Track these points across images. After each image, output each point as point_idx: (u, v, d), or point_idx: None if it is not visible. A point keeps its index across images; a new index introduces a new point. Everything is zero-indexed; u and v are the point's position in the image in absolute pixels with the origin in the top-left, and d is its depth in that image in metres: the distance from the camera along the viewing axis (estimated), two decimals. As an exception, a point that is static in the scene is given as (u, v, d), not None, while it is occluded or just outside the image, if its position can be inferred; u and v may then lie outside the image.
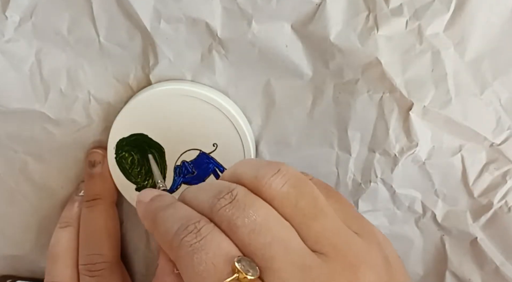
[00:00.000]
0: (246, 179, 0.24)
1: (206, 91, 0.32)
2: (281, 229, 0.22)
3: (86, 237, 0.35)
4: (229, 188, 0.24)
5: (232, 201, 0.23)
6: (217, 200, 0.23)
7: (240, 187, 0.24)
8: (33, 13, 0.31)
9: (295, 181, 0.24)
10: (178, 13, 0.30)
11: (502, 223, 0.34)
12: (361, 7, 0.30)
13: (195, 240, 0.22)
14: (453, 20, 0.29)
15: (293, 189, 0.23)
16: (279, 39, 0.31)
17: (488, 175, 0.33)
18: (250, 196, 0.23)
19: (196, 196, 0.25)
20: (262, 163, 0.24)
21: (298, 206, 0.23)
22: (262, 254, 0.22)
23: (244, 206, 0.23)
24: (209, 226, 0.23)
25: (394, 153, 0.33)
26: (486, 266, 0.35)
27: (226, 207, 0.23)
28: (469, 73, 0.31)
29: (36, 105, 0.33)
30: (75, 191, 0.36)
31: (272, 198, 0.23)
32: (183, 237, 0.22)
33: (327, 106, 0.32)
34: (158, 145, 0.33)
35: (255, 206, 0.23)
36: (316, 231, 0.23)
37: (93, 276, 0.34)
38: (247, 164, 0.25)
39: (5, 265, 0.40)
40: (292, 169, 0.24)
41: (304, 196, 0.23)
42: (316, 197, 0.24)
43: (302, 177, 0.24)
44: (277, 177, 0.23)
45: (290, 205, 0.23)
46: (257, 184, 0.23)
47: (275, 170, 0.24)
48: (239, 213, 0.22)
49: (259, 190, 0.23)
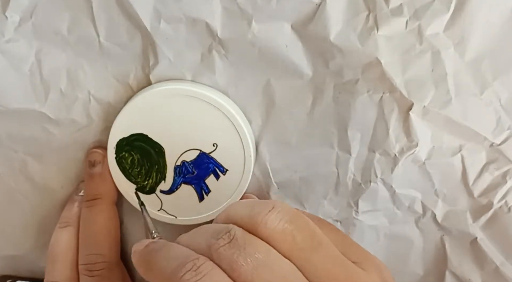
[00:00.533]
0: (241, 219, 0.24)
1: (206, 91, 0.32)
2: (283, 265, 0.23)
3: (86, 237, 0.35)
4: (227, 229, 0.23)
5: (231, 241, 0.23)
6: (216, 240, 0.23)
7: (237, 227, 0.24)
8: (33, 13, 0.31)
9: (290, 217, 0.24)
10: (178, 13, 0.30)
11: (502, 223, 0.34)
12: (361, 7, 0.30)
13: (195, 278, 0.22)
14: (453, 20, 0.29)
15: (289, 225, 0.23)
16: (279, 39, 0.31)
17: (488, 175, 0.33)
18: (248, 235, 0.23)
19: (192, 238, 0.24)
20: (255, 202, 0.24)
21: (296, 241, 0.23)
22: None
23: (244, 245, 0.22)
24: (208, 263, 0.22)
25: (394, 153, 0.33)
26: (486, 266, 0.35)
27: (226, 247, 0.23)
28: (469, 73, 0.31)
29: (36, 105, 0.33)
30: (75, 191, 0.36)
31: (269, 236, 0.23)
32: (181, 275, 0.22)
33: (327, 106, 0.32)
34: (158, 145, 0.33)
35: (255, 245, 0.23)
36: (316, 264, 0.23)
37: (93, 276, 0.33)
38: (239, 206, 0.25)
39: (5, 265, 0.40)
40: (286, 205, 0.24)
41: (301, 231, 0.23)
42: (312, 230, 0.24)
43: (297, 212, 0.24)
44: (271, 214, 0.23)
45: (288, 241, 0.23)
46: (253, 223, 0.23)
47: (270, 208, 0.24)
48: (240, 252, 0.22)
49: (255, 229, 0.23)
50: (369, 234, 0.36)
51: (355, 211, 0.35)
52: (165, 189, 0.34)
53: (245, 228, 0.24)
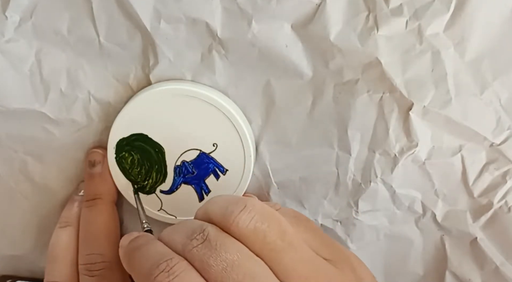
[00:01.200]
0: (215, 218, 0.25)
1: (206, 91, 0.32)
2: (253, 265, 0.23)
3: (86, 237, 0.35)
4: (201, 228, 0.24)
5: (204, 241, 0.23)
6: (190, 241, 0.24)
7: (211, 227, 0.24)
8: (33, 13, 0.31)
9: (262, 216, 0.24)
10: (178, 13, 0.30)
11: (502, 223, 0.34)
12: (361, 7, 0.30)
13: (167, 279, 0.22)
14: (453, 20, 0.29)
15: (260, 225, 0.24)
16: (279, 39, 0.31)
17: (488, 175, 0.33)
18: (221, 235, 0.24)
19: (170, 235, 0.25)
20: (230, 201, 0.25)
21: (266, 241, 0.24)
22: None
23: (216, 246, 0.23)
24: (182, 264, 0.23)
25: (394, 153, 0.33)
26: (486, 266, 0.35)
27: (198, 247, 0.23)
28: (469, 73, 0.31)
29: (36, 105, 0.33)
30: (75, 191, 0.36)
31: (241, 236, 0.24)
32: (155, 276, 0.23)
33: (327, 106, 0.32)
34: (158, 145, 0.33)
35: (226, 245, 0.23)
36: (286, 264, 0.23)
37: (93, 276, 0.33)
38: (216, 203, 0.25)
39: (5, 265, 0.40)
40: (258, 203, 0.25)
41: (272, 231, 0.24)
42: (283, 230, 0.24)
43: (269, 211, 0.25)
44: (243, 214, 0.24)
45: (259, 241, 0.24)
46: (226, 222, 0.24)
47: (241, 207, 0.24)
48: (211, 253, 0.23)
49: (227, 228, 0.24)
50: (369, 234, 0.36)
51: (355, 211, 0.35)
52: (165, 189, 0.34)
53: (220, 226, 0.24)
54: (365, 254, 0.36)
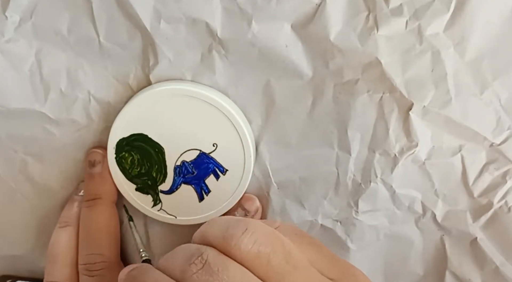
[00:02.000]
0: (215, 241, 0.23)
1: (206, 91, 0.32)
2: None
3: (85, 237, 0.35)
4: (199, 252, 0.23)
5: (204, 266, 0.22)
6: (188, 266, 0.22)
7: (210, 249, 0.23)
8: (33, 13, 0.31)
9: (265, 239, 0.23)
10: (178, 13, 0.30)
11: (502, 223, 0.34)
12: (361, 7, 0.30)
13: None
14: (453, 20, 0.29)
15: (264, 248, 0.23)
16: (279, 39, 0.31)
17: (488, 175, 0.33)
18: (222, 259, 0.23)
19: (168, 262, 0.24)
20: (230, 223, 0.24)
21: (271, 264, 0.22)
22: None
23: (217, 271, 0.22)
24: None
25: (394, 153, 0.33)
26: (486, 266, 0.35)
27: (198, 273, 0.22)
28: (469, 73, 0.31)
29: (36, 105, 0.33)
30: (75, 191, 0.36)
31: (243, 259, 0.22)
32: None
33: (327, 106, 0.32)
34: (158, 145, 0.33)
35: (228, 270, 0.22)
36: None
37: (93, 276, 0.33)
38: (215, 225, 0.24)
39: (5, 265, 0.40)
40: (259, 225, 0.24)
41: (276, 253, 0.23)
42: (288, 252, 0.23)
43: (271, 233, 0.23)
44: (245, 236, 0.23)
45: (263, 265, 0.22)
46: (226, 245, 0.23)
47: (243, 229, 0.23)
48: (213, 279, 0.22)
49: (228, 251, 0.23)
50: (369, 234, 0.36)
51: (355, 211, 0.35)
52: (165, 189, 0.34)
53: (220, 249, 0.23)
54: (365, 254, 0.36)
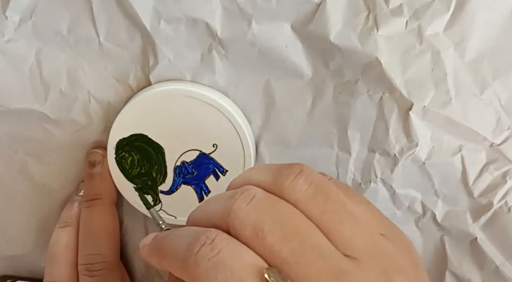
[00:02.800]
0: (264, 182, 0.22)
1: (206, 91, 0.32)
2: (312, 233, 0.20)
3: (85, 237, 0.35)
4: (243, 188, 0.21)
5: (252, 201, 0.20)
6: (233, 202, 0.20)
7: (257, 188, 0.21)
8: (33, 13, 0.31)
9: (319, 183, 0.22)
10: (178, 13, 0.30)
11: (502, 223, 0.34)
12: (361, 7, 0.30)
13: (212, 252, 0.19)
14: (453, 20, 0.29)
15: (319, 192, 0.21)
16: (279, 39, 0.31)
17: (488, 175, 0.33)
18: (272, 197, 0.21)
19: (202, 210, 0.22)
20: (281, 166, 0.22)
21: (326, 209, 0.21)
22: (295, 261, 0.19)
23: (269, 208, 0.20)
24: (223, 235, 0.20)
25: (394, 153, 0.33)
26: (486, 266, 0.35)
27: (247, 210, 0.20)
28: (469, 73, 0.31)
29: (36, 105, 0.33)
30: (75, 191, 0.36)
31: (297, 201, 0.21)
32: (197, 250, 0.19)
33: (327, 106, 0.32)
34: (158, 145, 0.33)
35: (281, 208, 0.20)
36: (347, 235, 0.21)
37: (93, 276, 0.33)
38: (260, 169, 0.23)
39: (5, 265, 0.40)
40: (314, 171, 0.22)
41: (331, 199, 0.21)
42: (343, 201, 0.22)
43: (325, 179, 0.22)
44: (300, 178, 0.21)
45: (317, 209, 0.21)
46: (279, 186, 0.21)
47: (297, 171, 0.22)
48: (265, 217, 0.20)
49: (281, 191, 0.21)
50: (369, 234, 0.36)
51: (355, 211, 0.35)
52: (165, 190, 0.34)
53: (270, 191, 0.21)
54: (365, 254, 0.36)
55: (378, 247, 0.21)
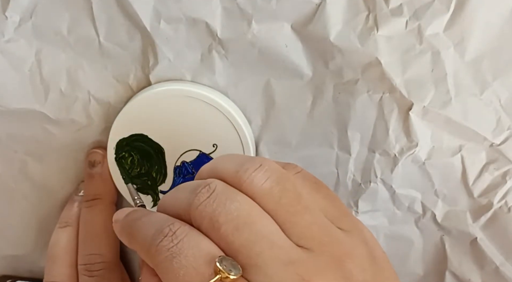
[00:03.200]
0: (226, 174, 0.23)
1: (206, 91, 0.32)
2: (265, 224, 0.22)
3: (85, 237, 0.35)
4: (206, 182, 0.22)
5: (211, 195, 0.22)
6: (195, 196, 0.22)
7: (217, 181, 0.22)
8: (33, 13, 0.31)
9: (278, 177, 0.23)
10: (178, 13, 0.30)
11: (502, 223, 0.34)
12: (361, 7, 0.30)
13: (172, 243, 0.21)
14: (453, 20, 0.29)
15: (276, 185, 0.22)
16: (279, 39, 0.31)
17: (488, 175, 0.33)
18: (230, 190, 0.22)
19: (172, 198, 0.24)
20: (243, 158, 0.23)
21: (281, 202, 0.22)
22: (246, 251, 0.21)
23: (225, 201, 0.21)
24: (185, 227, 0.22)
25: (394, 153, 0.33)
26: (486, 266, 0.35)
27: (206, 203, 0.22)
28: (469, 73, 0.31)
29: (36, 105, 0.33)
30: (74, 191, 0.36)
31: (254, 194, 0.22)
32: (159, 241, 0.21)
33: (327, 106, 0.32)
34: (158, 145, 0.33)
35: (237, 201, 0.22)
36: (300, 227, 0.22)
37: (92, 276, 0.33)
38: (226, 159, 0.24)
39: (5, 265, 0.40)
40: (274, 164, 0.23)
41: (287, 192, 0.22)
42: (299, 194, 0.23)
43: (284, 173, 0.23)
44: (259, 172, 0.22)
45: (273, 201, 0.22)
46: (238, 179, 0.22)
47: (257, 165, 0.23)
48: (221, 209, 0.21)
49: (240, 185, 0.22)
50: (369, 234, 0.36)
51: (355, 211, 0.35)
52: (165, 190, 0.34)
53: (230, 183, 0.23)
54: (365, 254, 0.36)
55: (332, 237, 0.22)
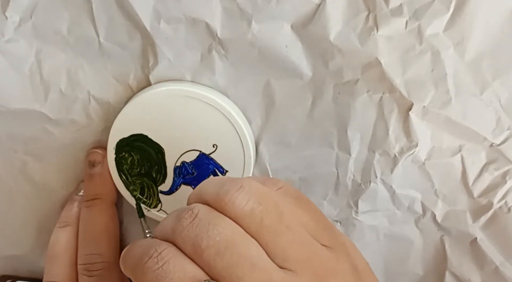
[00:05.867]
0: (209, 197, 0.23)
1: (205, 91, 0.31)
2: (247, 247, 0.22)
3: (85, 237, 0.35)
4: (189, 207, 0.23)
5: (194, 220, 0.22)
6: (178, 222, 0.22)
7: (201, 205, 0.23)
8: (33, 13, 0.31)
9: (259, 197, 0.23)
10: (178, 13, 0.30)
11: (502, 223, 0.34)
12: (361, 7, 0.30)
13: (157, 265, 0.21)
14: (453, 20, 0.29)
15: (257, 206, 0.23)
16: (279, 39, 0.31)
17: (488, 175, 0.33)
18: (213, 214, 0.22)
19: (160, 225, 0.24)
20: (225, 180, 0.24)
21: (263, 223, 0.22)
22: (229, 274, 0.21)
23: (208, 225, 0.22)
24: (170, 249, 0.22)
25: (394, 153, 0.33)
26: (485, 266, 0.35)
27: (188, 228, 0.22)
28: (469, 73, 0.31)
29: (36, 105, 0.33)
30: (74, 191, 0.36)
31: (236, 216, 0.22)
32: (144, 263, 0.22)
33: (327, 106, 0.32)
34: (158, 145, 0.33)
35: (219, 225, 0.22)
36: (283, 247, 0.22)
37: (92, 276, 0.33)
38: (209, 183, 0.24)
39: (5, 265, 0.40)
40: (255, 184, 0.24)
41: (269, 213, 0.23)
42: (281, 213, 0.23)
43: (266, 192, 0.24)
44: (240, 193, 0.23)
45: (255, 223, 0.22)
46: (220, 201, 0.23)
47: (238, 187, 0.23)
48: (203, 234, 0.22)
49: (222, 208, 0.23)
50: (369, 234, 0.36)
51: (354, 212, 0.35)
52: (165, 190, 0.34)
53: (213, 206, 0.23)
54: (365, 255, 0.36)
55: (315, 256, 0.23)
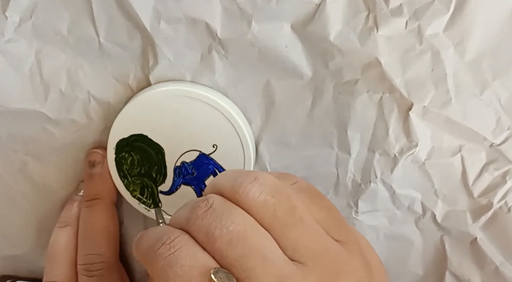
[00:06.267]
0: (224, 189, 0.24)
1: (205, 92, 0.32)
2: (260, 238, 0.22)
3: (85, 237, 0.35)
4: (205, 198, 0.23)
5: (208, 209, 0.22)
6: (193, 210, 0.23)
7: (216, 196, 0.23)
8: (33, 13, 0.31)
9: (273, 190, 0.23)
10: (178, 13, 0.30)
11: (502, 223, 0.34)
12: (361, 7, 0.30)
13: (169, 252, 0.22)
14: (453, 20, 0.29)
15: (270, 198, 0.23)
16: (279, 39, 0.31)
17: (488, 175, 0.33)
18: (227, 205, 0.23)
19: (175, 214, 0.24)
20: (239, 173, 0.24)
21: (276, 215, 0.23)
22: (240, 264, 0.21)
23: (222, 215, 0.22)
24: (183, 237, 0.22)
25: (394, 153, 0.33)
26: (485, 266, 0.35)
27: (203, 217, 0.22)
28: (469, 73, 0.31)
29: (36, 105, 0.33)
30: (74, 191, 0.36)
31: (249, 207, 0.23)
32: (156, 249, 0.22)
33: (327, 106, 0.32)
34: (158, 145, 0.33)
35: (233, 215, 0.22)
36: (295, 240, 0.22)
37: (92, 276, 0.34)
38: (224, 175, 0.25)
39: (5, 265, 0.40)
40: (269, 177, 0.24)
41: (282, 205, 0.23)
42: (294, 206, 0.23)
43: (280, 185, 0.24)
44: (254, 185, 0.23)
45: (268, 215, 0.23)
46: (234, 193, 0.23)
47: (252, 179, 0.23)
48: (217, 223, 0.22)
49: (236, 199, 0.23)
50: (369, 234, 0.36)
51: (354, 211, 0.35)
52: (165, 190, 0.34)
53: (228, 197, 0.23)
54: (365, 254, 0.36)
55: (327, 250, 0.23)
